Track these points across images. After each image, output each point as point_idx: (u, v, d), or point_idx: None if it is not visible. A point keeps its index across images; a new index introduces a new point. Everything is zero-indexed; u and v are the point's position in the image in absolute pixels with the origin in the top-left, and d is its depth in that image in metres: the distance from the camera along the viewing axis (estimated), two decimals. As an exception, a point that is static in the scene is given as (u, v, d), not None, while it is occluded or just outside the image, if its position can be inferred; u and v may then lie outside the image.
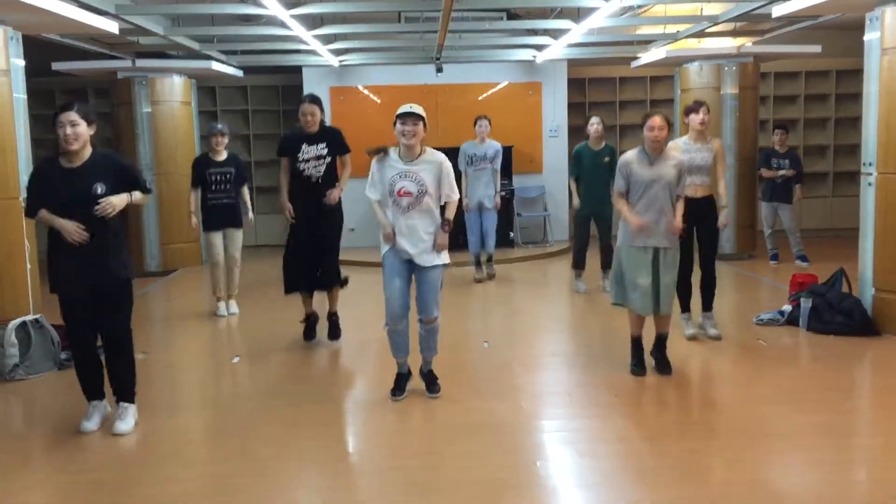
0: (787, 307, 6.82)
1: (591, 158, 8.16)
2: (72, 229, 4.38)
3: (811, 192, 12.40)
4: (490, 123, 9.00)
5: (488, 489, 3.86)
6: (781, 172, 9.49)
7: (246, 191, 7.77)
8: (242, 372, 6.08)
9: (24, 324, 5.93)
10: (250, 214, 7.78)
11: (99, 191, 4.45)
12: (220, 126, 7.65)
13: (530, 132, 11.90)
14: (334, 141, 6.38)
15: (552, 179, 11.92)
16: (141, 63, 10.16)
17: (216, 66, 10.31)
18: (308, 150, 6.29)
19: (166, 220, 10.44)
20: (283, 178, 6.49)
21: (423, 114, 4.89)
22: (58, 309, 4.65)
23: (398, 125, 4.89)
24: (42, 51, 8.18)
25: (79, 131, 4.43)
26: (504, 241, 10.70)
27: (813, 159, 12.48)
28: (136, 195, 4.59)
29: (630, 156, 5.48)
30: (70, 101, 4.61)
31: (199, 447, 4.61)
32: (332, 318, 6.61)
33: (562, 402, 5.14)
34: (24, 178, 6.21)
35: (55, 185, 4.44)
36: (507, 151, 11.03)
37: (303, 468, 4.26)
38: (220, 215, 7.58)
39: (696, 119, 6.22)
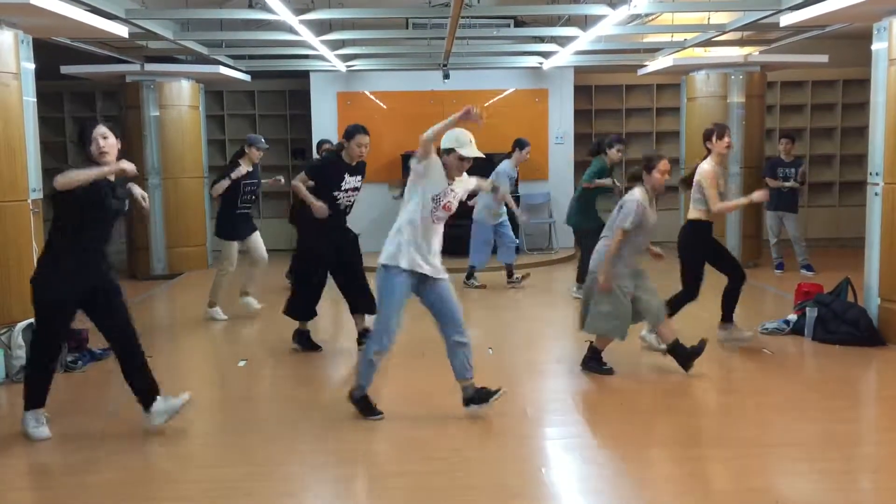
0: (793, 316, 6.81)
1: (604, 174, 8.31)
2: (126, 165, 4.44)
3: (817, 201, 12.40)
4: None
5: (493, 495, 3.87)
6: (787, 184, 9.50)
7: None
8: (249, 376, 6.09)
9: (31, 325, 5.94)
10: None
11: (126, 207, 4.66)
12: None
13: (536, 139, 11.84)
14: (364, 174, 6.36)
15: (558, 186, 11.93)
16: (150, 67, 10.21)
17: (224, 71, 10.35)
18: (349, 181, 6.20)
19: (172, 223, 10.48)
20: (303, 188, 6.23)
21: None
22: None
23: (457, 161, 4.67)
24: (50, 54, 8.21)
25: (111, 143, 4.53)
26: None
27: (819, 169, 12.47)
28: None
29: (642, 198, 5.55)
30: (92, 118, 4.69)
31: (205, 450, 4.62)
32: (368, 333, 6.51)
33: (566, 409, 5.14)
34: (32, 181, 6.25)
35: (106, 198, 4.48)
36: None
37: (308, 473, 4.27)
38: (247, 223, 7.69)
39: (723, 143, 6.14)
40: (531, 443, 4.61)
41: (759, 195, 6.16)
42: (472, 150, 4.65)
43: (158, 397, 4.73)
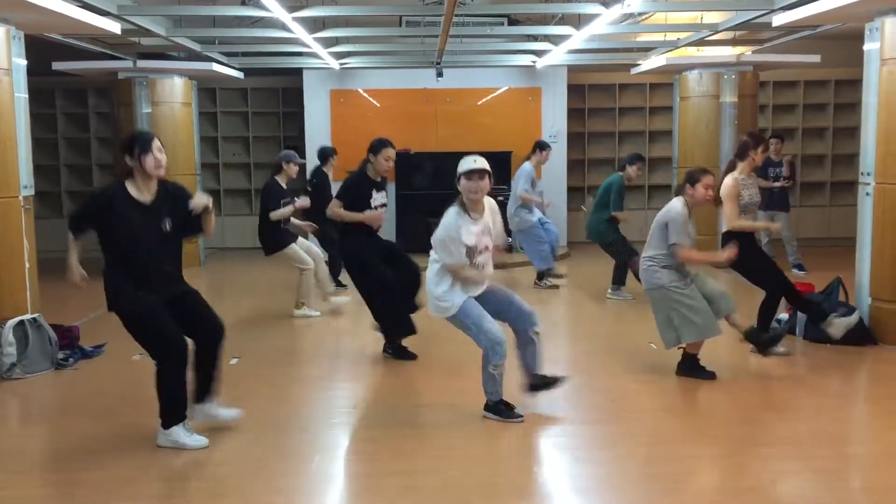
0: (784, 316, 6.83)
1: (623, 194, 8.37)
2: (76, 278, 4.40)
3: (808, 201, 12.45)
4: None
5: (486, 494, 3.87)
6: (777, 185, 9.55)
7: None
8: (240, 374, 6.07)
9: (21, 323, 5.92)
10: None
11: (167, 227, 4.39)
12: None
13: (530, 138, 11.86)
14: (387, 190, 6.23)
15: (551, 185, 11.93)
16: (142, 64, 10.16)
17: (217, 68, 10.32)
18: (377, 198, 6.04)
19: (165, 220, 10.43)
20: (342, 211, 6.04)
21: (489, 167, 4.58)
22: (56, 308, 4.64)
23: (464, 181, 4.57)
24: (42, 50, 8.18)
25: (166, 159, 4.39)
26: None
27: (811, 168, 12.52)
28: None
29: (684, 211, 5.43)
30: (144, 131, 4.52)
31: (198, 448, 4.60)
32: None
33: (560, 408, 5.14)
34: (24, 177, 6.23)
35: (127, 216, 4.28)
36: (507, 157, 11.08)
37: (301, 471, 4.26)
38: (289, 232, 7.51)
39: (763, 156, 6.04)
40: (524, 442, 4.61)
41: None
42: (471, 165, 4.56)
43: (212, 401, 4.66)
